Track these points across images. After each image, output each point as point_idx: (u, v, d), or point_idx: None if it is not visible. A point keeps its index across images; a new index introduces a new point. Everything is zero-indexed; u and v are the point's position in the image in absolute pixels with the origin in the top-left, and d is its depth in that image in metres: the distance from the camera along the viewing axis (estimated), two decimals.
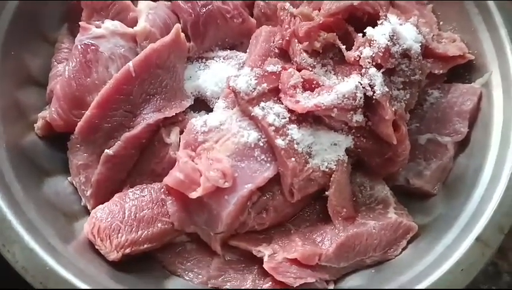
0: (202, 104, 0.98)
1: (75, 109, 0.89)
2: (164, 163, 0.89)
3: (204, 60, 1.00)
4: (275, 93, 0.88)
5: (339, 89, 0.83)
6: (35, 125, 0.93)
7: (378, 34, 0.83)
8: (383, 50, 0.82)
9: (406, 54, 0.86)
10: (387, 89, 0.83)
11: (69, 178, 0.92)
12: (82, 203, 0.91)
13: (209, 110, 0.96)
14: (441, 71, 0.98)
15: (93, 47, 0.90)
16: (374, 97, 0.82)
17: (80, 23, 0.93)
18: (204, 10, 0.98)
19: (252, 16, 1.08)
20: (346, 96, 0.83)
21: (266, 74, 0.88)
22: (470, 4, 1.01)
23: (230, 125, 0.87)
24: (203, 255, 0.89)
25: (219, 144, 0.86)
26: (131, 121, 0.89)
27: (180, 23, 0.99)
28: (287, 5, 0.94)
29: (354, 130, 0.88)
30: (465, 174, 0.92)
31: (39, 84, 0.98)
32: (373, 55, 0.83)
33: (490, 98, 0.95)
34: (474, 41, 1.00)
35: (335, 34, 0.89)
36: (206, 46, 1.01)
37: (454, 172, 0.95)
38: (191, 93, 0.97)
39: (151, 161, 0.90)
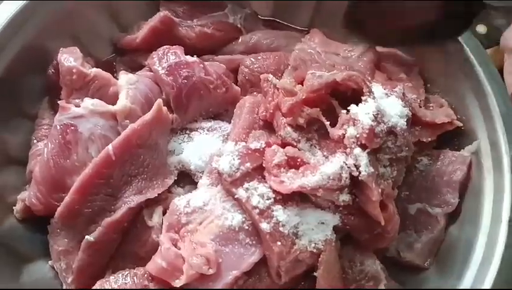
0: (187, 178, 0.95)
1: (55, 193, 0.86)
2: (147, 246, 0.86)
3: (188, 132, 0.98)
4: (259, 171, 0.86)
5: (323, 170, 0.81)
6: (14, 208, 0.91)
7: (362, 113, 0.81)
8: (367, 131, 0.80)
9: (391, 131, 0.84)
10: (372, 170, 0.80)
11: (50, 262, 0.89)
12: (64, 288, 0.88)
13: (194, 183, 0.94)
14: (429, 139, 0.96)
15: (73, 127, 0.88)
16: (359, 178, 0.80)
17: (59, 102, 0.91)
18: (186, 82, 0.96)
19: (236, 81, 1.06)
20: (331, 177, 0.80)
21: (250, 151, 0.86)
22: (456, 69, 1.00)
23: (214, 205, 0.85)
24: None
25: (203, 226, 0.83)
26: (113, 204, 0.86)
27: (162, 94, 0.98)
28: (270, 76, 0.93)
29: (341, 208, 0.85)
30: (456, 247, 0.90)
31: (19, 162, 0.96)
32: (357, 136, 0.81)
33: (480, 166, 0.93)
34: (462, 106, 0.99)
35: (318, 109, 0.87)
36: (189, 117, 0.99)
37: (446, 243, 0.93)
38: (175, 167, 0.94)
39: (134, 244, 0.87)
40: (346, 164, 0.81)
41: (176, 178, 0.93)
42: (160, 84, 0.98)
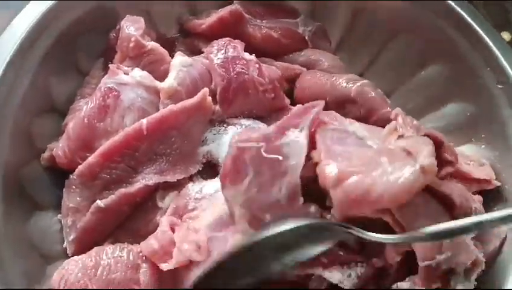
0: (213, 170, 0.93)
1: (81, 151, 0.87)
2: (150, 226, 0.85)
3: (225, 125, 0.96)
4: None
5: None
6: (42, 155, 0.93)
7: None
8: None
9: None
10: None
11: (59, 215, 0.90)
12: (64, 245, 0.88)
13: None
14: None
15: (115, 93, 0.89)
16: None
17: (109, 65, 0.92)
18: (237, 77, 0.94)
19: (292, 90, 1.05)
20: None
21: None
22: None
23: None
24: None
25: (206, 212, 0.82)
26: (131, 177, 0.86)
27: (212, 84, 0.97)
28: None
29: None
30: None
31: (59, 112, 0.97)
32: None
33: None
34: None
35: None
36: (231, 112, 0.97)
37: None
38: (203, 156, 0.92)
39: (139, 221, 0.87)
40: None
41: (200, 168, 0.91)
42: (212, 74, 0.97)
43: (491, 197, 0.93)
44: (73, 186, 0.87)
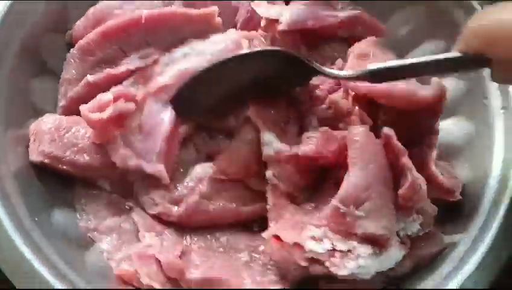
0: None
1: (90, 29, 0.96)
2: None
3: None
4: None
5: None
6: (68, 31, 1.02)
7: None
8: None
9: None
10: None
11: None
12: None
13: None
14: None
15: None
16: None
17: None
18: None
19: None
20: None
21: None
22: None
23: None
24: (107, 210, 0.91)
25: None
26: (120, 59, 0.93)
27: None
28: None
29: None
30: None
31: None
32: None
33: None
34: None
35: None
36: None
37: None
38: None
39: None
40: None
41: None
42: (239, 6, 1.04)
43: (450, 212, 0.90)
44: (72, 59, 0.95)
